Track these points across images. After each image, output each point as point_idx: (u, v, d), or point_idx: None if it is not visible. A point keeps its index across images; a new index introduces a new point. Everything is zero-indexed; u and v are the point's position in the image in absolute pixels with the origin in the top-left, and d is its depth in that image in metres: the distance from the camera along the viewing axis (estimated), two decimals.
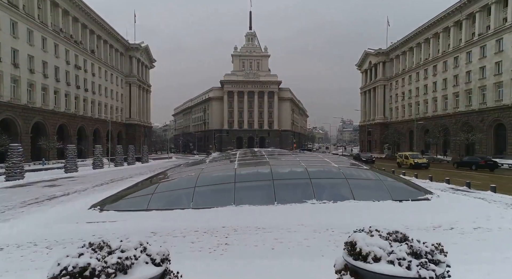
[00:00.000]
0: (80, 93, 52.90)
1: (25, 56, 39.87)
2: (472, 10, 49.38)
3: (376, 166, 27.23)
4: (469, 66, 50.63)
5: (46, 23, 44.29)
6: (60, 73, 47.41)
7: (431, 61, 60.70)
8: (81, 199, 11.69)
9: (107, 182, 18.94)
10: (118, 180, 19.71)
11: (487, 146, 45.93)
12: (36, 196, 13.42)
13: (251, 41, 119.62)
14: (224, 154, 18.95)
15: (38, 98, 42.13)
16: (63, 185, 17.54)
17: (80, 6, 51.96)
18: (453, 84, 54.35)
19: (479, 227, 7.06)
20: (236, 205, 9.75)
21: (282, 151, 29.92)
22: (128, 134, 73.20)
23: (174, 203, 9.89)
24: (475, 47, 49.08)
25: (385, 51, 77.62)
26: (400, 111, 72.68)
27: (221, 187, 10.64)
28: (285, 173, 11.57)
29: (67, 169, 24.17)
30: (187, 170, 13.79)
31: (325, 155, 16.92)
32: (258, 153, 19.47)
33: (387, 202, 10.10)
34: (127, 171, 28.14)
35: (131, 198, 10.06)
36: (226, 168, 12.65)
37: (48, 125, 43.81)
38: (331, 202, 10.09)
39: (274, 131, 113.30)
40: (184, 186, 10.67)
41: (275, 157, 18.10)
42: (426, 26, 61.04)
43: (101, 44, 61.27)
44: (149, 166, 34.51)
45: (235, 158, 16.19)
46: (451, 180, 16.70)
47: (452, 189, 14.30)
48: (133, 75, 74.02)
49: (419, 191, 11.17)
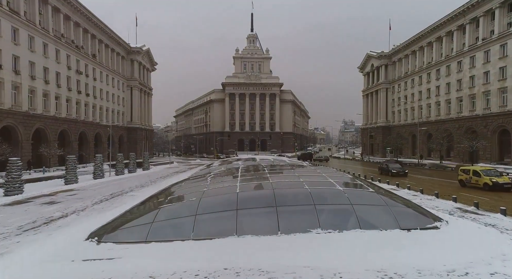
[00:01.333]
0: (81, 98, 52.76)
1: (26, 63, 39.72)
2: (476, 14, 48.92)
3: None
4: (472, 71, 50.15)
5: (47, 28, 44.16)
6: (62, 78, 47.26)
7: (434, 65, 60.22)
8: (79, 223, 11.38)
9: (106, 197, 18.63)
10: (118, 195, 19.39)
11: (491, 152, 45.45)
12: (33, 219, 13.11)
13: (253, 43, 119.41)
14: (226, 169, 18.63)
15: (39, 105, 41.97)
16: (62, 202, 17.25)
17: (82, 11, 51.82)
18: (457, 88, 53.89)
19: (495, 272, 6.71)
20: (238, 235, 9.43)
21: (282, 159, 29.63)
22: (129, 138, 73.06)
23: (175, 233, 9.58)
24: (479, 52, 48.59)
25: (387, 54, 77.14)
26: (402, 115, 72.20)
27: (222, 214, 10.31)
28: (288, 199, 11.24)
29: (67, 180, 23.92)
30: (188, 190, 13.48)
31: (327, 171, 16.55)
32: (260, 167, 19.14)
33: (395, 232, 9.75)
34: (127, 181, 27.82)
35: (130, 227, 9.76)
36: (227, 190, 12.31)
37: (49, 131, 43.66)
38: (337, 232, 9.75)
39: (275, 134, 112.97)
40: (184, 213, 10.35)
41: (276, 172, 17.79)
42: (429, 30, 60.57)
43: (102, 48, 61.15)
44: (150, 174, 34.23)
45: (237, 175, 15.87)
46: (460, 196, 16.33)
47: (460, 210, 13.94)
48: (135, 78, 73.89)
49: (427, 218, 10.80)
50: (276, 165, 20.51)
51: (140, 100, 76.77)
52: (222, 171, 18.82)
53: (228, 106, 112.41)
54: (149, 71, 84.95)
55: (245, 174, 16.35)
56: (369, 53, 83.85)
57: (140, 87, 76.69)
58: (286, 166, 19.66)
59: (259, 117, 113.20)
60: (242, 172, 17.30)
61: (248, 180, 14.30)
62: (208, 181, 14.80)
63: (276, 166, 20.35)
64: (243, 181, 13.73)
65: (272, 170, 17.76)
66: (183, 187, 14.98)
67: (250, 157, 32.96)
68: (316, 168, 18.23)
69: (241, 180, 13.74)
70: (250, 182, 13.98)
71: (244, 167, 19.58)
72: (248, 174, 16.57)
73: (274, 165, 20.35)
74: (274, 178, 14.47)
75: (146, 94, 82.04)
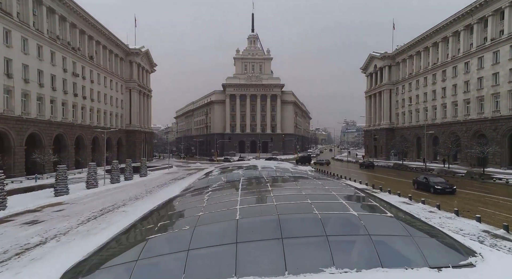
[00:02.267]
0: (78, 101, 51.39)
1: (19, 66, 38.36)
2: (484, 14, 47.33)
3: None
4: (481, 72, 48.55)
5: (42, 30, 42.81)
6: (57, 81, 45.90)
7: (440, 66, 58.63)
8: (55, 256, 9.89)
9: (95, 214, 17.08)
10: (109, 211, 17.87)
11: (501, 157, 43.82)
12: (5, 247, 11.62)
13: (254, 44, 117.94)
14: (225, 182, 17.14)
15: (33, 109, 40.62)
16: (45, 221, 15.77)
17: (78, 12, 50.46)
18: (464, 90, 52.30)
19: None
20: (238, 277, 7.95)
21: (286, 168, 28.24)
22: (128, 141, 71.69)
23: (163, 275, 8.12)
24: (488, 52, 46.99)
25: (391, 54, 75.57)
26: (407, 116, 70.63)
27: (220, 249, 8.85)
28: (296, 227, 9.76)
29: (57, 191, 22.49)
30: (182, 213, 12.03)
31: (334, 187, 15.06)
32: (262, 181, 17.65)
33: (423, 271, 8.26)
34: (121, 191, 26.28)
35: (110, 267, 8.30)
36: (226, 215, 10.85)
37: (44, 136, 42.30)
38: (354, 271, 8.27)
39: (277, 136, 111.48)
40: (175, 248, 8.89)
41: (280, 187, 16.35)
42: (434, 30, 58.98)
43: (100, 50, 59.80)
44: (147, 182, 32.69)
45: (237, 193, 14.39)
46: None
47: (487, 234, 12.44)
48: (133, 80, 72.52)
49: (459, 252, 9.31)
50: (279, 178, 18.99)
51: (139, 102, 75.37)
52: (221, 186, 17.33)
53: (228, 108, 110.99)
54: (149, 72, 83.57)
55: (245, 191, 14.89)
56: (372, 54, 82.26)
57: (139, 89, 75.31)
58: (290, 178, 18.13)
59: (260, 118, 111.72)
60: (243, 187, 15.84)
61: (249, 201, 12.82)
62: (204, 201, 13.32)
63: (279, 178, 18.86)
64: (244, 201, 12.25)
65: (274, 185, 16.30)
66: (177, 207, 13.52)
67: (251, 164, 31.47)
68: (323, 182, 16.72)
69: (241, 201, 12.27)
70: (252, 203, 12.50)
71: (245, 180, 18.11)
72: (249, 191, 15.10)
73: (277, 178, 18.85)
74: (278, 197, 13.01)
75: (145, 96, 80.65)
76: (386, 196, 22.12)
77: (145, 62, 79.86)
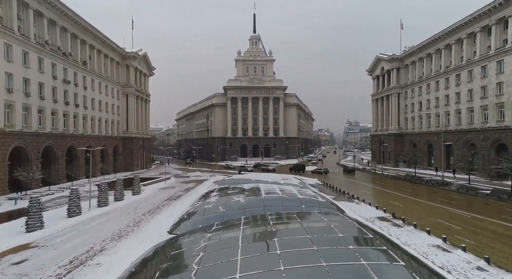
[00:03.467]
0: (69, 110, 48.39)
1: (1, 75, 35.35)
2: (504, 14, 43.87)
3: None
4: (500, 77, 45.08)
5: (28, 35, 39.81)
6: (45, 90, 42.88)
7: (453, 70, 55.16)
8: None
9: (61, 270, 13.66)
10: (80, 263, 14.38)
11: None
12: None
13: (255, 45, 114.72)
14: (223, 232, 13.86)
15: (17, 120, 37.65)
16: None
17: (68, 15, 47.44)
18: (481, 96, 48.85)
19: None
20: None
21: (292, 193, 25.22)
22: (125, 149, 68.72)
23: None
24: (508, 55, 43.52)
25: (399, 57, 72.10)
26: (417, 122, 67.17)
27: None
28: None
29: (29, 226, 19.36)
30: None
31: (348, 233, 12.00)
32: (267, 222, 14.55)
33: None
34: (106, 222, 22.72)
35: None
36: None
37: (31, 149, 39.33)
38: None
39: (280, 139, 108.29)
40: None
41: (284, 230, 13.29)
42: (447, 31, 55.52)
43: (94, 54, 56.80)
44: (138, 205, 29.10)
45: (237, 248, 11.27)
46: None
47: None
48: (131, 85, 69.52)
49: None
50: (283, 216, 15.82)
51: (136, 107, 72.37)
52: (218, 232, 14.19)
53: (230, 111, 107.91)
54: (147, 76, 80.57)
55: (246, 243, 11.79)
56: (379, 55, 78.78)
57: (137, 94, 72.32)
58: (296, 219, 14.95)
59: (262, 122, 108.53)
60: (243, 238, 12.72)
61: (251, 262, 9.74)
62: (194, 269, 10.16)
63: (284, 217, 15.75)
64: (244, 264, 9.16)
65: (279, 230, 13.27)
66: (163, 270, 10.42)
67: (254, 187, 28.32)
68: (335, 224, 13.66)
69: (242, 261, 9.16)
70: (254, 266, 9.40)
71: (246, 222, 14.98)
72: (251, 244, 11.99)
73: (282, 216, 15.71)
74: (285, 254, 9.91)
75: (143, 101, 77.66)
76: (412, 233, 18.76)
77: (143, 66, 76.85)
